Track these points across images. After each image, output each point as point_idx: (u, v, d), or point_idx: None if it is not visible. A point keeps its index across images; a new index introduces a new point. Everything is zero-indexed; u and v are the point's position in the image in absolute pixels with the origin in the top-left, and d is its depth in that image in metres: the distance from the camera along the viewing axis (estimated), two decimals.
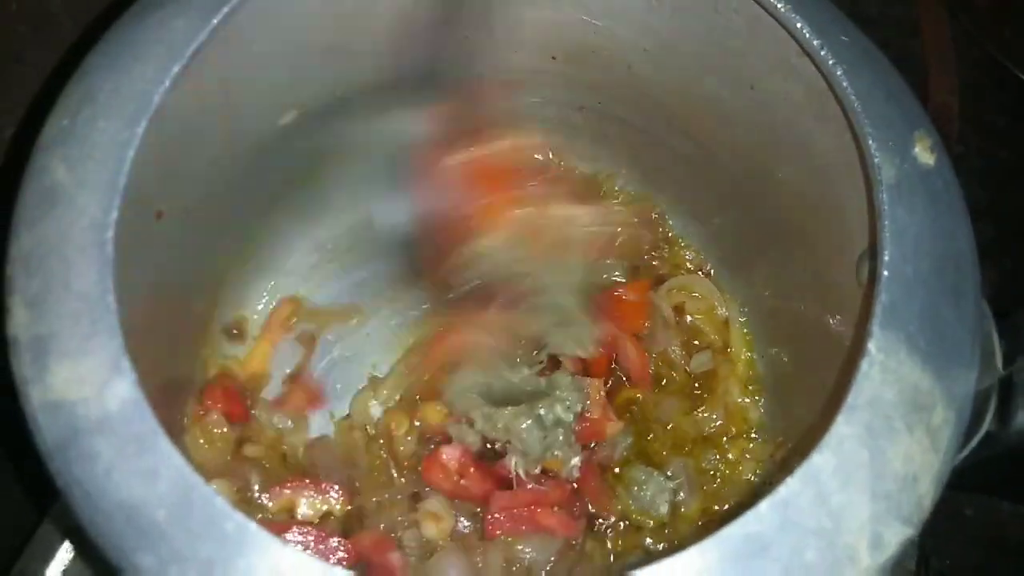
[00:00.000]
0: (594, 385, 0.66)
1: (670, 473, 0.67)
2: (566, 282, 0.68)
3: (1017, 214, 1.06)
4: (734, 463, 0.68)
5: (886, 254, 0.45)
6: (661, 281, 0.75)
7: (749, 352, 0.72)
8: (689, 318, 0.74)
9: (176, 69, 0.48)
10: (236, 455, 0.64)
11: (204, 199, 0.61)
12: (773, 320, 0.69)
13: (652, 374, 0.71)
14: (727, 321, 0.73)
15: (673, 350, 0.72)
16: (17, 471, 0.69)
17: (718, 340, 0.72)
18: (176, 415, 0.57)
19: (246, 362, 0.71)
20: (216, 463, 0.62)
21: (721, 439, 0.69)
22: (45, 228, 0.45)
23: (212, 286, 0.69)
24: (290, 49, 0.60)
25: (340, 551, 0.59)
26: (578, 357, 0.68)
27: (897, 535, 0.40)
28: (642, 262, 0.75)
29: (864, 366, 0.42)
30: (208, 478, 0.43)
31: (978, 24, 1.10)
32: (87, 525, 0.39)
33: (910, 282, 0.44)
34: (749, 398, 0.70)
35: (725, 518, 0.39)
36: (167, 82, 0.48)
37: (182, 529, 0.38)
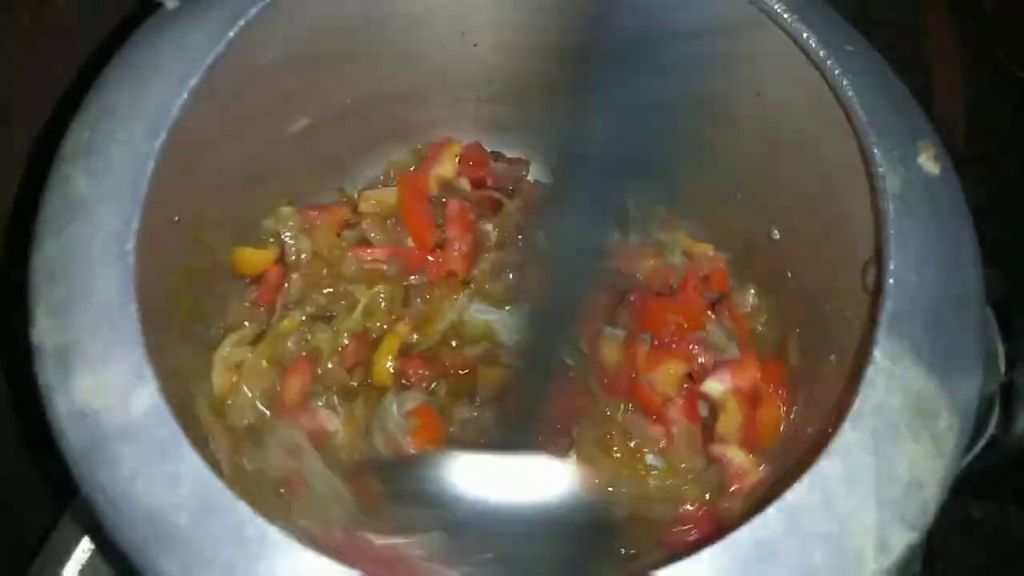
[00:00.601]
0: None
1: None
2: None
3: (1023, 217, 1.07)
4: None
5: (891, 263, 0.45)
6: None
7: None
8: None
9: (194, 82, 0.49)
10: None
11: (217, 204, 0.62)
12: (779, 326, 0.70)
13: None
14: None
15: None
16: (35, 471, 0.70)
17: None
18: (195, 420, 0.58)
19: None
20: None
21: None
22: (67, 238, 0.46)
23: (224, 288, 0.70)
24: (302, 59, 0.60)
25: None
26: None
27: (903, 539, 0.41)
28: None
29: (870, 373, 0.43)
30: None
31: (984, 28, 1.11)
32: (111, 530, 0.40)
33: (915, 290, 0.45)
34: None
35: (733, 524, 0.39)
36: (185, 95, 0.49)
37: (204, 534, 0.39)
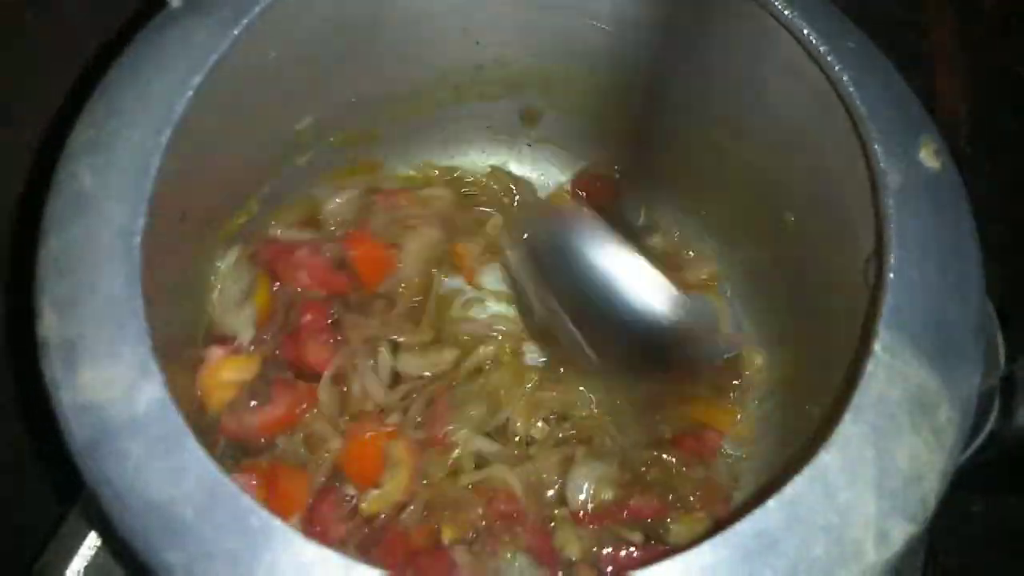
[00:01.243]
0: None
1: None
2: None
3: None
4: None
5: (892, 258, 0.46)
6: None
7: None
8: None
9: (197, 80, 0.49)
10: None
11: (223, 201, 0.63)
12: (781, 320, 0.70)
13: None
14: None
15: None
16: (41, 467, 0.71)
17: None
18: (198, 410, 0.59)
19: None
20: None
21: None
22: (73, 233, 0.46)
23: None
24: (305, 57, 0.61)
25: None
26: None
27: (903, 532, 0.41)
28: None
29: (870, 366, 0.43)
30: None
31: (986, 26, 1.11)
32: (117, 523, 0.40)
33: (915, 285, 0.45)
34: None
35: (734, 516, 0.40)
36: (189, 93, 0.49)
37: (208, 525, 0.39)
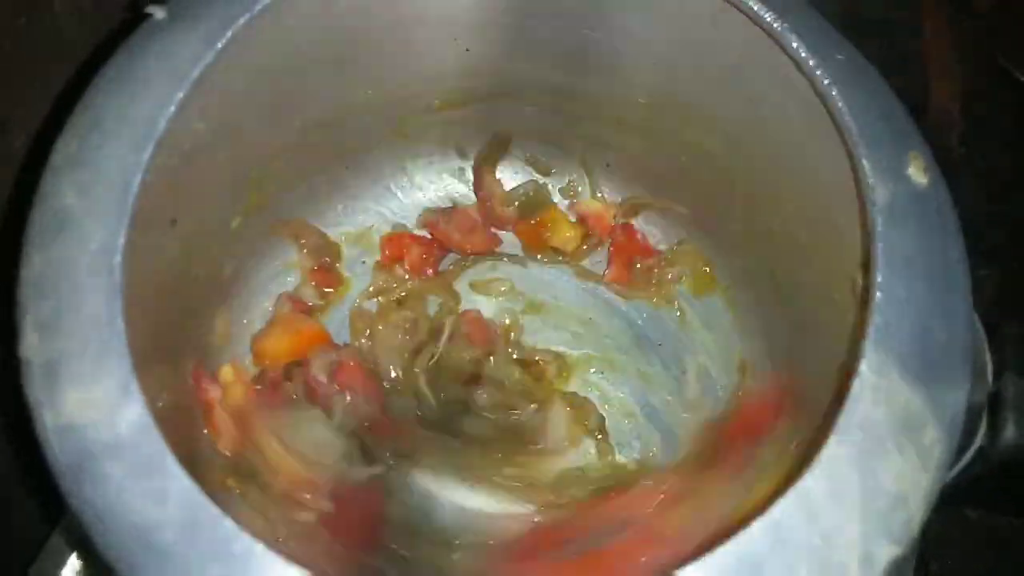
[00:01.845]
0: None
1: None
2: None
3: (1020, 217, 1.06)
4: None
5: (879, 275, 0.45)
6: None
7: None
8: None
9: (181, 94, 0.49)
10: None
11: (212, 213, 0.62)
12: (769, 336, 0.70)
13: None
14: None
15: None
16: (29, 482, 0.70)
17: None
18: (185, 431, 0.58)
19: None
20: None
21: None
22: (55, 251, 0.46)
23: (218, 299, 0.70)
24: (291, 68, 0.60)
25: None
26: None
27: (887, 554, 0.41)
28: None
29: (856, 386, 0.43)
30: None
31: (980, 28, 1.10)
32: (99, 546, 0.40)
33: (902, 303, 0.45)
34: None
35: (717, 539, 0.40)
36: (173, 107, 0.49)
37: (190, 550, 0.39)
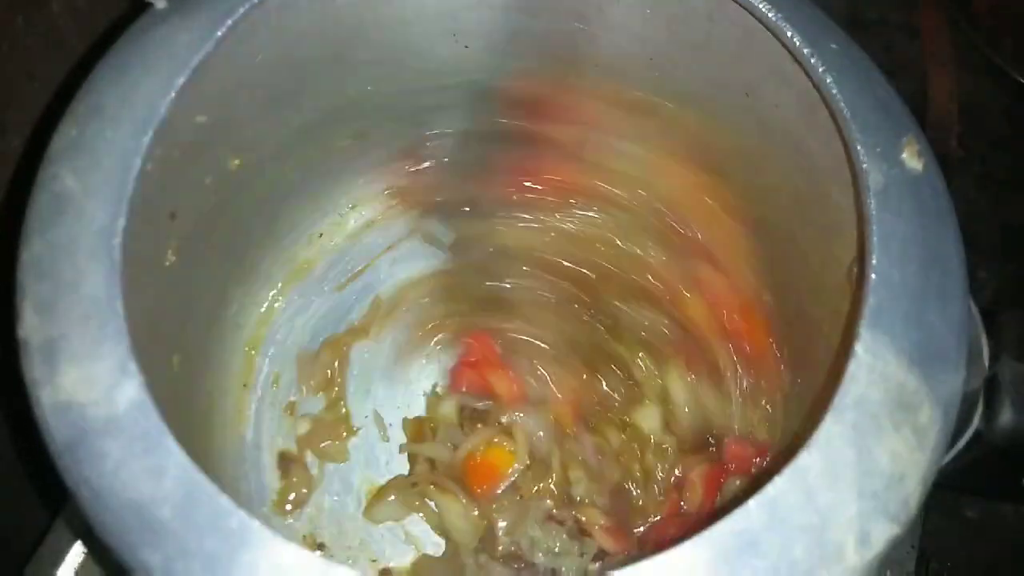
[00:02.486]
0: None
1: None
2: None
3: (1018, 219, 1.07)
4: None
5: (873, 259, 0.46)
6: None
7: None
8: None
9: (181, 81, 0.49)
10: None
11: (214, 204, 0.63)
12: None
13: None
14: None
15: None
16: (29, 474, 0.70)
17: None
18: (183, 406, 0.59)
19: None
20: None
21: None
22: (55, 234, 0.46)
23: (221, 287, 0.71)
24: (291, 60, 0.61)
25: None
26: None
27: (884, 533, 0.41)
28: None
29: (851, 367, 0.43)
30: None
31: (978, 29, 1.11)
32: (96, 523, 0.40)
33: (897, 286, 0.45)
34: None
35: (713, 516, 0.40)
36: (172, 93, 0.49)
37: (187, 525, 0.39)
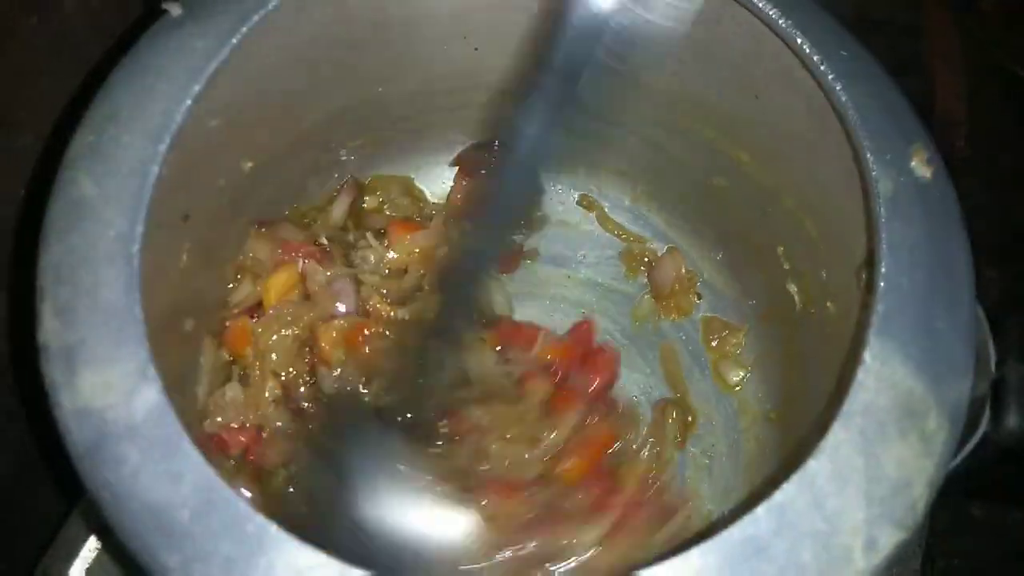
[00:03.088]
0: None
1: None
2: None
3: None
4: None
5: (883, 266, 0.46)
6: None
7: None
8: None
9: (197, 88, 0.50)
10: None
11: (226, 205, 0.63)
12: (773, 325, 0.70)
13: None
14: None
15: None
16: (43, 471, 0.71)
17: None
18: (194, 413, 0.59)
19: None
20: None
21: None
22: (74, 240, 0.47)
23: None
24: (304, 64, 0.61)
25: None
26: None
27: (891, 538, 0.41)
28: None
29: (860, 374, 0.44)
30: None
31: (984, 28, 1.11)
32: (115, 526, 0.41)
33: (906, 293, 0.46)
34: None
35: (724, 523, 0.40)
36: (188, 100, 0.50)
37: (205, 529, 0.40)
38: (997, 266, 1.03)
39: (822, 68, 0.52)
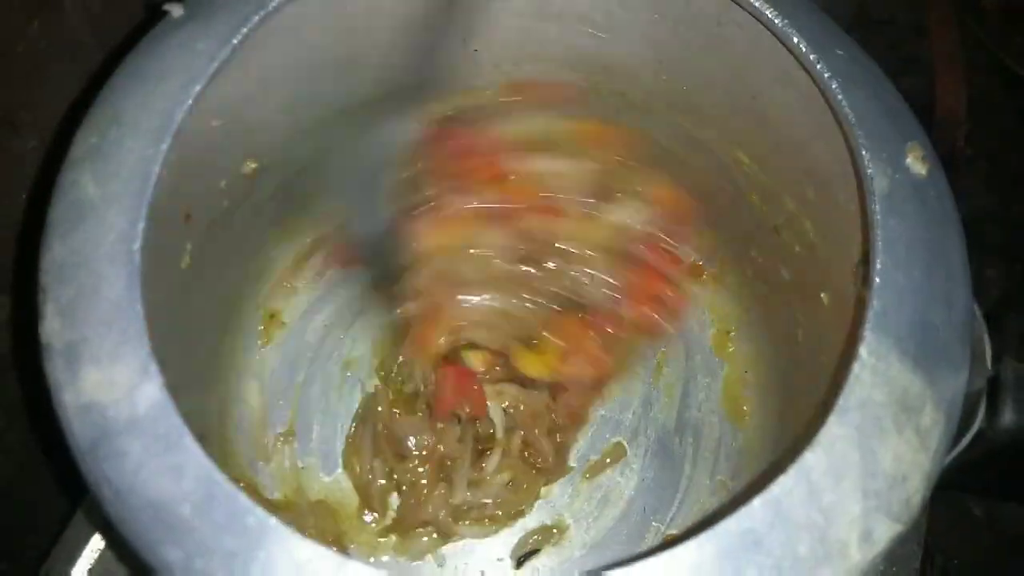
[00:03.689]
0: None
1: None
2: None
3: None
4: None
5: (878, 262, 0.46)
6: None
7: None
8: None
9: (197, 89, 0.50)
10: None
11: (227, 206, 0.64)
12: (770, 322, 0.71)
13: None
14: None
15: None
16: (47, 472, 0.72)
17: None
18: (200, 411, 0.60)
19: None
20: None
21: None
22: (76, 240, 0.47)
23: (236, 286, 0.72)
24: (304, 66, 0.62)
25: None
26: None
27: (887, 531, 0.41)
28: None
29: (855, 369, 0.44)
30: None
31: (986, 28, 1.11)
32: (117, 521, 0.41)
33: (901, 289, 0.46)
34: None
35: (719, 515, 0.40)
36: (189, 101, 0.50)
37: (206, 523, 0.40)
38: (997, 265, 1.03)
39: (819, 67, 0.53)
